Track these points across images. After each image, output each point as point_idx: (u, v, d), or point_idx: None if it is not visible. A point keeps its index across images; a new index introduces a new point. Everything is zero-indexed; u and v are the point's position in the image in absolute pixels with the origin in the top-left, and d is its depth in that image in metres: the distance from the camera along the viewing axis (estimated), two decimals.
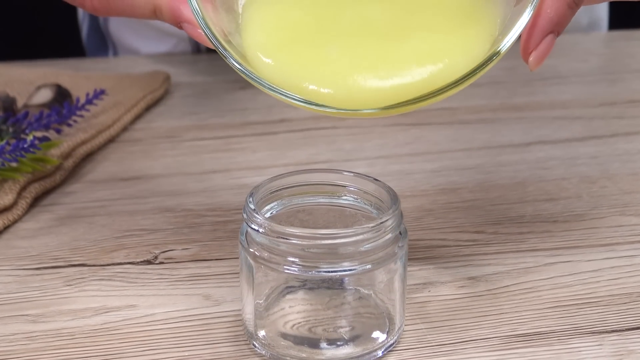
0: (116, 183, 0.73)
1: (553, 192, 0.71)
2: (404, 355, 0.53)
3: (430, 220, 0.67)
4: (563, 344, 0.54)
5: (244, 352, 0.53)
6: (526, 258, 0.62)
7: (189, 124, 0.84)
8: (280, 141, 0.80)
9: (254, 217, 0.51)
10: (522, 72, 0.95)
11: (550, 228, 0.66)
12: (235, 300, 0.58)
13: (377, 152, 0.78)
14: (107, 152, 0.79)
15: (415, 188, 0.72)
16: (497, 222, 0.67)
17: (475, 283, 0.60)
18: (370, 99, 0.49)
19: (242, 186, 0.72)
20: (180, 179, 0.74)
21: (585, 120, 0.84)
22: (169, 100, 0.89)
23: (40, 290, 0.59)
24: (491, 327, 0.55)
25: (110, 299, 0.58)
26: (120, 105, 0.83)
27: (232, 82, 0.92)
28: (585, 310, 0.57)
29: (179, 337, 0.55)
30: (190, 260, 0.62)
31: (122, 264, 0.62)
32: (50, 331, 0.55)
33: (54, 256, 0.63)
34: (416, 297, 0.58)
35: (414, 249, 0.63)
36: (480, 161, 0.76)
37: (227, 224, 0.67)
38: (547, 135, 0.81)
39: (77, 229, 0.66)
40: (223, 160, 0.77)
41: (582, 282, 0.59)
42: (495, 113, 0.86)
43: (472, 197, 0.70)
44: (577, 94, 0.90)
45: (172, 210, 0.69)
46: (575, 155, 0.77)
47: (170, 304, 0.58)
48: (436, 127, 0.83)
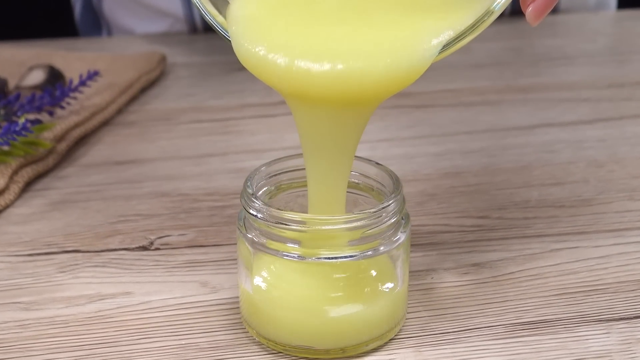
0: (111, 167, 0.73)
1: (559, 176, 0.71)
2: (406, 344, 0.53)
3: (433, 205, 0.67)
4: (569, 332, 0.54)
5: (241, 340, 0.53)
6: (532, 244, 0.62)
7: (185, 106, 0.84)
8: (280, 123, 0.80)
9: (252, 202, 0.51)
10: (527, 53, 0.95)
11: (556, 213, 0.66)
12: (233, 287, 0.58)
13: (379, 135, 0.78)
14: (101, 135, 0.79)
15: (418, 172, 0.72)
16: (502, 207, 0.67)
17: (479, 269, 0.60)
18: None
19: (240, 170, 0.72)
20: (176, 162, 0.74)
21: (592, 102, 0.84)
22: (164, 81, 0.89)
23: (33, 277, 0.59)
24: (496, 314, 0.55)
25: (104, 285, 0.58)
26: (115, 87, 0.83)
27: (230, 63, 0.92)
28: (592, 297, 0.57)
29: (176, 325, 0.55)
30: (187, 246, 0.62)
31: (117, 250, 0.62)
32: (44, 319, 0.55)
33: (47, 242, 0.63)
34: (419, 284, 0.58)
35: (416, 234, 0.63)
36: (484, 144, 0.76)
37: (225, 209, 0.67)
38: (553, 117, 0.81)
39: (71, 214, 0.66)
40: (220, 143, 0.77)
41: (589, 268, 0.59)
42: (500, 95, 0.85)
43: (476, 182, 0.70)
44: (585, 75, 0.90)
45: (168, 195, 0.69)
46: (583, 139, 0.77)
47: (167, 291, 0.58)
48: (439, 109, 0.83)
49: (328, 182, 0.51)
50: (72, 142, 0.75)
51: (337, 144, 0.50)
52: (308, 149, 0.51)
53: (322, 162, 0.51)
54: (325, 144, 0.50)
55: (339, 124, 0.50)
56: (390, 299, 0.52)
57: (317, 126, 0.50)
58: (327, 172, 0.51)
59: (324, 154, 0.51)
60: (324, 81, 0.47)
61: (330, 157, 0.51)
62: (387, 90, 0.48)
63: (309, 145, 0.51)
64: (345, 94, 0.47)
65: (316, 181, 0.51)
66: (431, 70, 0.96)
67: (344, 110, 0.49)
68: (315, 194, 0.52)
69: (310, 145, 0.51)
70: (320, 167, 0.51)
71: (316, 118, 0.50)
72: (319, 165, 0.51)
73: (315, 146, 0.51)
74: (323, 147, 0.50)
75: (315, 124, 0.50)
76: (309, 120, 0.50)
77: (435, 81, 0.88)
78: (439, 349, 0.52)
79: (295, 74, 0.47)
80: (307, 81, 0.47)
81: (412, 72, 0.48)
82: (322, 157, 0.51)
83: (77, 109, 0.78)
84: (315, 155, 0.51)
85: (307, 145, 0.51)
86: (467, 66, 0.92)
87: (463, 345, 0.53)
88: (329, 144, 0.50)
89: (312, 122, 0.50)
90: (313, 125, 0.50)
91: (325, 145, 0.50)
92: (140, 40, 1.00)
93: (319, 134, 0.50)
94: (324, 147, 0.50)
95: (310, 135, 0.50)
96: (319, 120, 0.50)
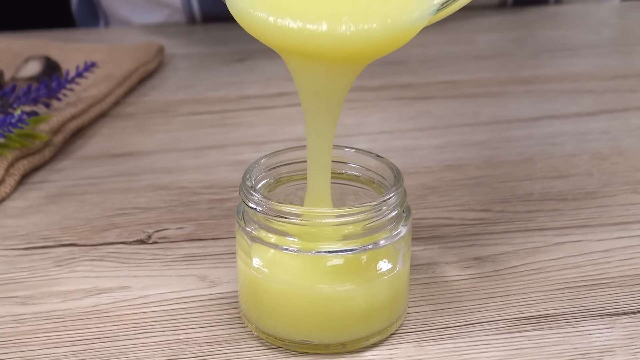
0: (108, 159, 0.73)
1: (563, 169, 0.71)
2: (408, 339, 0.53)
3: (434, 198, 0.67)
4: (572, 327, 0.53)
5: (240, 335, 0.53)
6: (534, 237, 0.62)
7: (183, 98, 0.84)
8: (279, 115, 0.80)
9: (251, 195, 0.51)
10: (530, 44, 0.94)
11: (559, 206, 0.66)
12: (232, 281, 0.58)
13: (379, 127, 0.78)
14: (98, 127, 0.78)
15: (419, 165, 0.72)
16: (504, 200, 0.67)
17: (481, 263, 0.59)
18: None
19: (239, 162, 0.72)
20: (174, 155, 0.74)
21: (596, 93, 0.84)
22: (162, 72, 0.89)
23: (29, 271, 0.59)
24: (498, 309, 0.55)
25: (101, 280, 0.58)
26: (112, 78, 0.83)
27: (229, 54, 0.92)
28: (595, 291, 0.57)
29: (174, 319, 0.55)
30: (185, 239, 0.62)
31: (114, 244, 0.62)
32: (40, 314, 0.55)
33: (44, 236, 0.63)
34: (420, 278, 0.58)
35: (417, 228, 0.63)
36: (486, 137, 0.76)
37: (224, 202, 0.67)
38: (556, 109, 0.81)
39: (67, 208, 0.66)
40: (219, 135, 0.77)
41: (592, 262, 0.59)
42: (503, 86, 0.85)
43: (478, 174, 0.70)
44: (588, 66, 0.90)
45: (166, 188, 0.69)
46: (586, 131, 0.77)
47: (164, 285, 0.58)
48: (441, 101, 0.83)
49: (320, 135, 0.52)
50: (69, 135, 0.75)
51: (330, 93, 0.50)
52: (304, 98, 0.51)
53: (317, 114, 0.51)
54: (319, 93, 0.51)
55: (335, 77, 0.50)
56: (391, 292, 0.52)
57: (313, 79, 0.50)
58: (320, 124, 0.51)
59: (318, 104, 0.51)
60: (327, 40, 0.47)
61: (322, 108, 0.51)
62: (385, 48, 0.49)
63: (304, 93, 0.51)
64: (346, 52, 0.48)
65: (311, 138, 0.52)
66: (432, 61, 0.96)
67: (342, 66, 0.50)
68: (310, 158, 0.52)
69: (305, 94, 0.51)
70: (314, 120, 0.51)
71: (314, 73, 0.50)
72: (313, 118, 0.51)
73: (310, 94, 0.51)
74: (316, 95, 0.51)
75: (312, 78, 0.50)
76: (306, 74, 0.50)
77: (436, 72, 0.88)
78: (441, 343, 0.52)
79: (297, 33, 0.47)
80: (310, 40, 0.47)
81: (410, 29, 0.48)
82: (316, 108, 0.51)
83: (73, 100, 0.78)
84: (310, 106, 0.51)
85: (302, 93, 0.51)
86: (469, 57, 0.92)
87: (465, 340, 0.53)
88: (322, 93, 0.51)
89: (308, 76, 0.50)
90: (309, 78, 0.51)
91: (318, 94, 0.51)
92: (138, 31, 1.00)
93: (314, 85, 0.50)
94: (317, 96, 0.51)
95: (305, 85, 0.51)
96: (316, 75, 0.50)
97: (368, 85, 0.85)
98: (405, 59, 0.90)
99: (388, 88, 0.85)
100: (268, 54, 0.92)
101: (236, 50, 0.94)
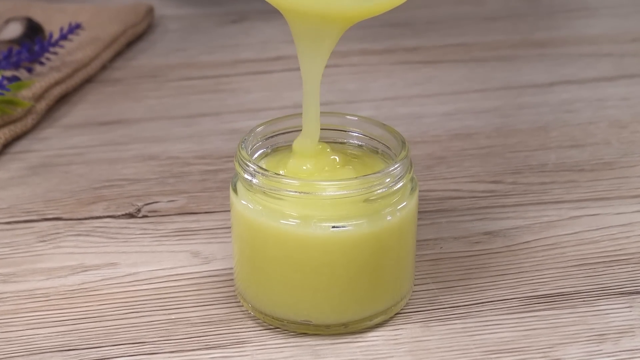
0: (94, 128, 0.73)
1: (579, 138, 0.71)
2: (413, 318, 0.53)
3: (442, 169, 0.67)
4: (589, 306, 0.54)
5: (235, 314, 0.53)
6: (549, 211, 0.62)
7: (174, 62, 0.84)
8: (276, 81, 0.80)
9: (247, 165, 0.51)
10: (545, 4, 0.94)
11: (575, 177, 0.66)
12: (227, 257, 0.58)
13: (384, 94, 0.78)
14: (84, 94, 0.78)
15: (426, 133, 0.72)
16: (516, 171, 0.67)
17: (492, 239, 0.59)
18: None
19: (234, 131, 0.72)
20: (165, 123, 0.74)
21: (615, 57, 0.84)
22: (152, 35, 0.89)
23: (12, 246, 0.59)
24: (509, 287, 0.55)
25: (88, 256, 0.58)
26: (98, 41, 0.83)
27: (223, 15, 0.91)
28: (613, 268, 0.57)
29: (165, 298, 0.55)
30: (177, 213, 0.62)
31: (102, 218, 0.62)
32: (23, 292, 0.55)
33: (26, 209, 0.63)
34: (427, 254, 0.58)
35: (424, 200, 0.63)
36: (498, 103, 0.76)
37: (218, 173, 0.67)
38: (572, 74, 0.80)
39: (52, 179, 0.66)
40: (212, 102, 0.77)
41: (610, 237, 0.59)
42: (515, 49, 0.85)
43: (489, 144, 0.70)
44: (607, 28, 0.90)
45: (156, 158, 0.69)
46: (604, 97, 0.76)
47: (155, 262, 0.58)
48: (449, 65, 0.83)
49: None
50: (53, 101, 0.75)
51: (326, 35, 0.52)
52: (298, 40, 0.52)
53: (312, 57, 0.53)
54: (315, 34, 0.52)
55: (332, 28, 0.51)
56: (395, 270, 0.52)
57: (309, 30, 0.51)
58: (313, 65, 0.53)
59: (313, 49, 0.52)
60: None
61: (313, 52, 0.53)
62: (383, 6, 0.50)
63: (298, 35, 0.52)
64: (347, 12, 0.50)
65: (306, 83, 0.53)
66: (440, 22, 0.96)
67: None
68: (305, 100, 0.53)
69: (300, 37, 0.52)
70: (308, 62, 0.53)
71: (311, 24, 0.51)
72: (307, 61, 0.53)
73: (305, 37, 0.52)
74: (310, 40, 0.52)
75: (308, 28, 0.51)
76: (302, 25, 0.51)
77: (444, 35, 0.88)
78: (449, 324, 0.52)
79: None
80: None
81: None
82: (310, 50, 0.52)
83: (57, 65, 0.78)
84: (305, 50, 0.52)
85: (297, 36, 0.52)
86: (480, 19, 0.91)
87: (474, 320, 0.53)
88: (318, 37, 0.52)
89: (305, 27, 0.51)
90: (305, 28, 0.51)
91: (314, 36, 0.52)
92: None
93: (309, 34, 0.52)
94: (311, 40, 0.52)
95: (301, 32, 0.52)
96: (312, 25, 0.51)
97: (371, 49, 0.85)
98: (411, 21, 0.90)
99: (393, 51, 0.85)
100: (265, 14, 0.92)
101: (231, 10, 0.93)
